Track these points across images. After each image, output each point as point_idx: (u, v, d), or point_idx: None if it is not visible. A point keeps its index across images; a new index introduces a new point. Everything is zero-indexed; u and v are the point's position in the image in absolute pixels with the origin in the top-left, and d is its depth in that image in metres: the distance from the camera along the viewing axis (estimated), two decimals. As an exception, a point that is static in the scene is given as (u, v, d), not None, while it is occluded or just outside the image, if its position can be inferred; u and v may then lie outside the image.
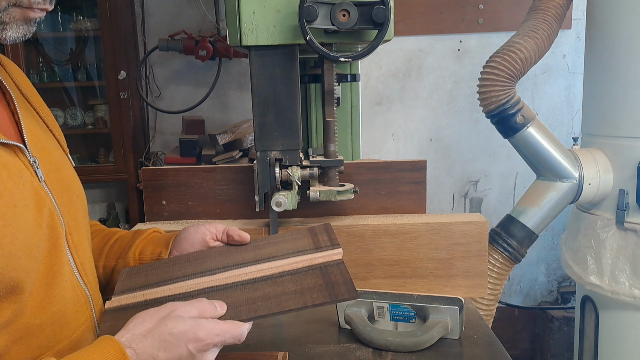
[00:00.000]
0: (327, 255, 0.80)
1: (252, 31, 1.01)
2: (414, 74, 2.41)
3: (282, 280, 0.75)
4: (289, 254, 0.81)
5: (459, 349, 0.96)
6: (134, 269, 0.83)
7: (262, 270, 0.78)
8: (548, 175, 1.54)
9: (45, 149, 0.70)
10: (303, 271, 0.76)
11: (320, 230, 0.88)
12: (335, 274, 0.75)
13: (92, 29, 2.41)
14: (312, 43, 0.95)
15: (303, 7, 0.93)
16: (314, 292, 0.71)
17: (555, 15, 1.50)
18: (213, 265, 0.81)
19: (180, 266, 0.82)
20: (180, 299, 0.72)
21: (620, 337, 1.51)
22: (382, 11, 0.94)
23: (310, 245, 0.83)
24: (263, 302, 0.70)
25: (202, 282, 0.76)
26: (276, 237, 0.88)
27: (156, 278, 0.80)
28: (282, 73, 1.04)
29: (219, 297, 0.71)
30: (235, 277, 0.77)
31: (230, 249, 0.86)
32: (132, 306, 0.73)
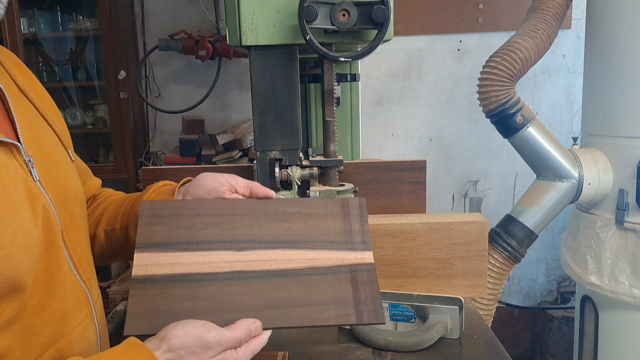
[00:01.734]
0: (358, 255, 0.77)
1: (252, 31, 1.01)
2: (414, 74, 2.41)
3: (310, 281, 0.72)
4: (320, 242, 0.77)
5: (459, 348, 0.96)
6: (154, 205, 0.78)
7: (291, 260, 0.74)
8: (548, 175, 1.54)
9: (43, 146, 0.69)
10: (332, 272, 0.74)
11: (353, 208, 0.82)
12: (365, 285, 0.73)
13: (92, 29, 2.41)
14: (312, 43, 0.95)
15: (303, 6, 0.93)
16: (340, 308, 0.70)
17: (555, 15, 1.50)
18: (240, 235, 0.76)
19: (203, 221, 0.77)
20: (208, 279, 0.70)
21: (620, 337, 1.51)
22: (381, 11, 0.94)
23: (341, 232, 0.78)
24: (288, 308, 0.69)
25: (230, 260, 0.73)
26: (306, 205, 0.81)
27: (179, 234, 0.75)
28: (282, 73, 1.04)
29: (246, 288, 0.70)
30: (264, 264, 0.73)
31: (257, 210, 0.79)
32: (160, 279, 0.70)
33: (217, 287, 0.70)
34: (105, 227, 0.85)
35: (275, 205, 0.80)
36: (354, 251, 0.77)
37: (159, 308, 0.68)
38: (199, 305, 0.69)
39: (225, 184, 0.80)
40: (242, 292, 0.70)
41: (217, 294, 0.70)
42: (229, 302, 0.69)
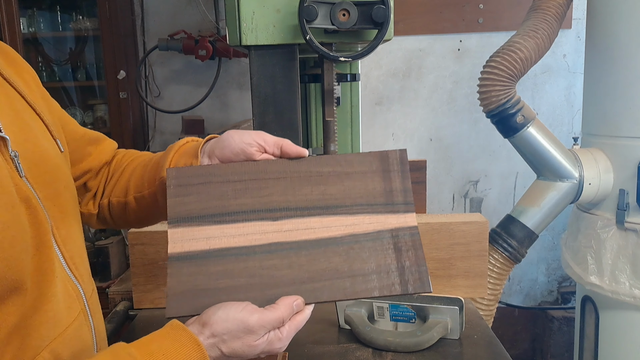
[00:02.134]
0: (400, 218, 0.72)
1: (251, 31, 1.00)
2: (414, 74, 2.41)
3: (351, 250, 0.69)
4: (359, 205, 0.72)
5: (459, 349, 0.96)
6: (182, 173, 0.73)
7: (329, 227, 0.70)
8: (548, 175, 1.54)
9: (29, 139, 0.65)
10: (373, 238, 0.70)
11: (393, 163, 0.75)
12: (409, 252, 0.69)
13: (92, 29, 2.41)
14: (312, 43, 0.94)
15: (303, 6, 0.93)
16: (384, 278, 0.67)
17: (555, 14, 1.50)
18: (274, 202, 0.72)
19: (234, 189, 0.72)
20: (245, 254, 0.68)
21: (621, 337, 1.51)
22: (382, 11, 0.93)
23: (381, 193, 0.73)
24: (329, 280, 0.67)
25: (265, 231, 0.70)
26: (342, 163, 0.75)
27: (211, 205, 0.71)
28: (281, 73, 1.04)
29: (285, 261, 0.68)
30: (301, 233, 0.70)
31: (290, 172, 0.74)
32: (197, 255, 0.68)
33: (255, 261, 0.68)
34: (134, 194, 0.82)
35: (309, 165, 0.74)
36: (396, 214, 0.72)
37: (198, 287, 0.66)
38: (238, 282, 0.67)
39: (254, 144, 0.74)
40: (281, 266, 0.68)
41: (256, 269, 0.68)
42: (269, 277, 0.67)
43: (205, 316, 0.62)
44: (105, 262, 2.09)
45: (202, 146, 0.78)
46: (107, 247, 2.09)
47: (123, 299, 1.30)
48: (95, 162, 0.86)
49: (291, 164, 0.74)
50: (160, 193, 0.79)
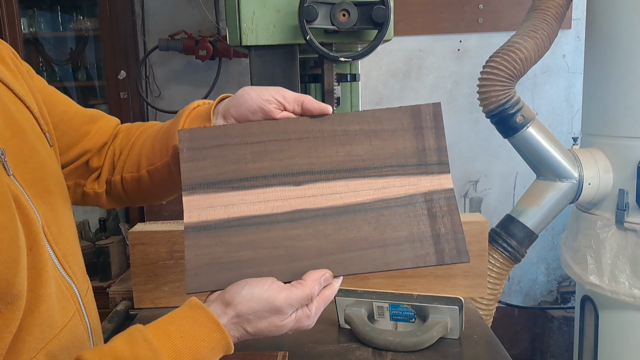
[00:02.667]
0: (434, 180, 0.66)
1: (252, 31, 1.01)
2: (414, 74, 2.41)
3: (381, 217, 0.64)
4: (389, 167, 0.66)
5: (459, 348, 0.96)
6: (195, 135, 0.67)
7: (357, 192, 0.65)
8: (548, 175, 1.54)
9: (17, 134, 0.61)
10: (406, 203, 0.64)
11: (426, 118, 0.69)
12: (444, 217, 0.64)
13: (92, 29, 2.41)
14: (312, 43, 0.95)
15: (303, 7, 0.93)
16: (417, 247, 0.62)
17: (555, 15, 1.50)
18: (296, 165, 0.66)
19: (253, 151, 0.67)
20: (267, 222, 0.63)
21: (620, 337, 1.51)
22: (382, 11, 0.94)
23: (413, 152, 0.67)
24: (359, 251, 0.62)
25: (288, 197, 0.65)
26: (370, 120, 0.68)
27: (228, 169, 0.66)
28: (282, 73, 1.04)
29: (310, 230, 0.63)
30: (326, 199, 0.65)
31: (313, 131, 0.68)
32: (216, 225, 0.63)
33: (278, 231, 0.63)
34: (147, 168, 0.77)
35: (333, 123, 0.68)
36: (430, 175, 0.66)
37: (218, 260, 0.62)
38: (261, 253, 0.63)
39: (272, 101, 0.68)
40: (306, 235, 0.63)
41: (279, 239, 0.63)
42: (293, 248, 0.63)
43: (228, 295, 0.59)
44: (106, 262, 2.09)
45: (215, 107, 0.72)
46: (107, 247, 2.09)
47: (123, 298, 1.30)
48: (94, 140, 0.81)
49: (314, 123, 0.68)
50: (173, 163, 0.73)
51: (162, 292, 1.22)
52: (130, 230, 1.23)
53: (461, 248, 0.63)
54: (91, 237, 2.39)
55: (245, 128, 0.67)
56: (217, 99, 0.72)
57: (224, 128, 0.68)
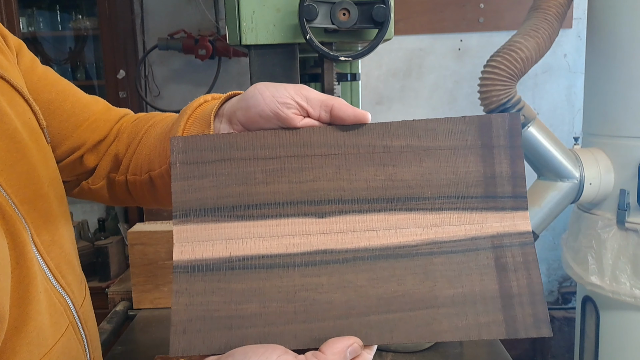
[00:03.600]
0: (506, 219, 0.50)
1: (251, 30, 1.00)
2: (415, 74, 2.41)
3: (432, 266, 0.49)
4: (444, 198, 0.50)
5: (460, 349, 0.96)
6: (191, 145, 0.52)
7: (399, 230, 0.50)
8: (549, 175, 1.54)
9: (5, 132, 0.54)
10: (465, 249, 0.49)
11: (499, 135, 0.51)
12: (518, 272, 0.48)
13: (91, 28, 2.40)
14: (312, 42, 0.94)
15: (303, 6, 0.92)
16: (480, 312, 0.47)
17: (556, 14, 1.50)
18: (321, 190, 0.51)
19: (265, 169, 0.51)
20: (280, 265, 0.49)
21: (621, 338, 1.51)
22: (382, 10, 0.93)
23: (479, 179, 0.50)
24: (399, 312, 0.47)
25: (309, 232, 0.50)
26: (421, 134, 0.51)
27: (232, 192, 0.51)
28: (282, 72, 1.04)
29: (335, 279, 0.48)
30: (359, 238, 0.50)
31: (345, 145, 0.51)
32: (214, 266, 0.49)
33: (293, 277, 0.49)
34: (150, 172, 0.67)
35: (372, 136, 0.51)
36: (500, 212, 0.50)
37: (215, 313, 0.48)
38: (270, 307, 0.48)
39: (292, 105, 0.51)
40: (330, 286, 0.48)
41: (295, 289, 0.49)
42: (312, 303, 0.48)
43: None
44: (105, 262, 2.08)
45: (220, 107, 0.58)
46: (106, 247, 2.09)
47: (122, 299, 1.29)
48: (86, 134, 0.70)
49: (346, 135, 0.51)
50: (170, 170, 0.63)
51: (162, 292, 1.22)
52: (129, 230, 1.22)
53: (540, 316, 0.47)
54: (90, 237, 2.39)
55: (257, 138, 0.52)
56: (224, 96, 0.59)
57: (229, 137, 0.52)
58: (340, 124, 0.51)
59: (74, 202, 2.48)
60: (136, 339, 1.13)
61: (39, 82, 0.66)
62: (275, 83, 0.53)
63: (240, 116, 0.54)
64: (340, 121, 0.51)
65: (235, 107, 0.55)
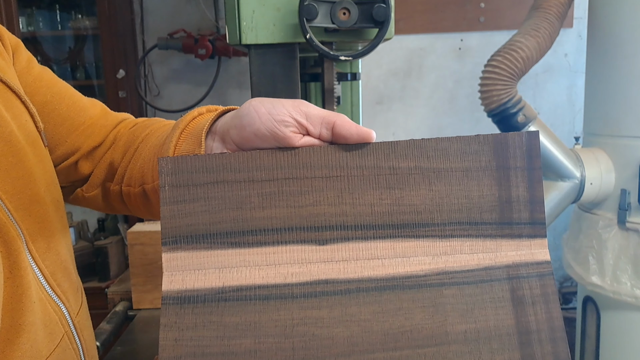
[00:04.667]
0: (523, 248, 0.46)
1: (251, 30, 1.00)
2: (415, 73, 2.40)
3: (442, 298, 0.45)
4: (455, 224, 0.47)
5: (461, 350, 0.95)
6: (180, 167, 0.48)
7: (407, 258, 0.46)
8: (549, 174, 1.54)
9: (1, 135, 0.52)
10: (478, 280, 0.46)
11: (515, 155, 0.48)
12: (536, 305, 0.45)
13: (91, 28, 2.40)
14: (312, 42, 0.94)
15: (303, 5, 0.92)
16: (496, 350, 0.44)
17: (556, 13, 1.50)
18: (321, 216, 0.47)
19: (261, 192, 0.48)
20: (277, 297, 0.46)
21: (622, 338, 1.51)
22: (382, 9, 0.93)
23: (493, 204, 0.47)
24: (406, 350, 0.44)
25: (308, 260, 0.47)
26: (431, 154, 0.49)
27: (225, 217, 0.47)
28: (282, 72, 1.03)
29: (338, 313, 0.45)
30: (363, 267, 0.46)
31: (348, 167, 0.48)
32: (205, 297, 0.46)
33: (291, 310, 0.46)
34: (143, 185, 0.64)
35: (378, 156, 0.48)
36: (517, 239, 0.46)
37: (206, 349, 0.45)
38: (266, 343, 0.45)
39: (290, 122, 0.47)
40: (331, 320, 0.45)
41: (293, 323, 0.45)
42: (312, 339, 0.45)
43: None
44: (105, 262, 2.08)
45: (212, 123, 0.54)
46: (106, 247, 2.08)
47: (122, 299, 1.29)
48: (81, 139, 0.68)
49: (349, 155, 0.48)
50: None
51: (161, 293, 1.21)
52: (129, 231, 1.22)
53: (561, 355, 0.43)
54: (89, 237, 2.39)
55: (253, 159, 0.48)
56: (218, 112, 0.56)
57: (222, 157, 0.48)
58: (343, 143, 0.48)
59: (74, 202, 2.48)
60: (136, 339, 1.13)
61: (35, 83, 0.65)
62: (272, 99, 0.50)
63: (234, 135, 0.50)
64: (343, 140, 0.47)
65: (228, 125, 0.52)
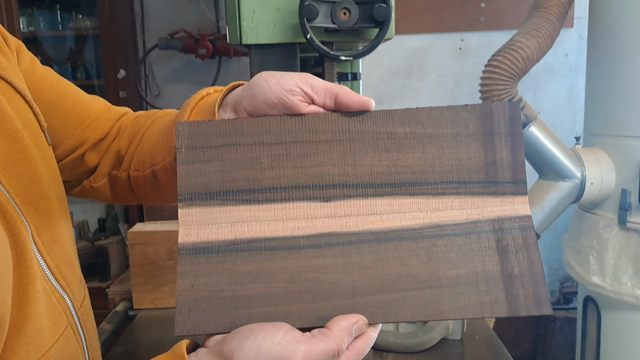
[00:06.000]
0: (507, 204, 0.52)
1: (252, 30, 1.00)
2: (415, 73, 2.40)
3: (435, 248, 0.50)
4: (447, 183, 0.52)
5: (461, 349, 0.95)
6: (196, 131, 0.54)
7: (403, 214, 0.51)
8: (550, 174, 1.53)
9: (6, 132, 0.54)
10: (466, 232, 0.51)
11: (499, 122, 0.53)
12: (519, 253, 0.50)
13: (92, 28, 2.40)
14: (312, 42, 0.94)
15: (303, 5, 0.92)
16: (483, 292, 0.49)
17: (557, 13, 1.49)
18: (326, 175, 0.52)
19: (270, 154, 0.53)
20: (285, 247, 0.51)
21: (623, 338, 1.50)
22: (383, 9, 0.93)
23: (480, 165, 0.52)
24: (403, 292, 0.49)
25: (314, 216, 0.52)
26: (425, 122, 0.55)
27: (238, 176, 0.53)
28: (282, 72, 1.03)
29: (340, 260, 0.50)
30: (363, 221, 0.51)
31: (350, 132, 0.53)
32: (219, 248, 0.51)
33: (298, 259, 0.50)
34: (152, 167, 0.67)
35: (377, 123, 0.53)
36: (501, 196, 0.52)
37: (220, 293, 0.49)
38: (276, 288, 0.50)
39: (297, 92, 0.53)
40: (335, 267, 0.50)
41: (300, 270, 0.50)
42: (318, 284, 0.50)
43: (227, 348, 0.45)
44: (105, 262, 2.08)
45: (223, 98, 0.58)
46: (106, 247, 2.08)
47: (123, 299, 1.29)
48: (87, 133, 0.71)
49: (351, 122, 0.53)
50: (174, 162, 0.63)
51: (162, 292, 1.21)
52: (129, 231, 1.22)
53: (541, 295, 0.50)
54: (90, 237, 2.39)
55: (263, 124, 0.54)
56: (227, 87, 0.59)
57: (235, 122, 0.54)
58: (345, 111, 0.53)
59: (74, 202, 2.48)
60: (136, 339, 1.13)
61: (39, 82, 0.67)
62: (280, 72, 0.55)
63: (246, 104, 0.55)
64: (345, 108, 0.53)
65: (240, 95, 0.56)
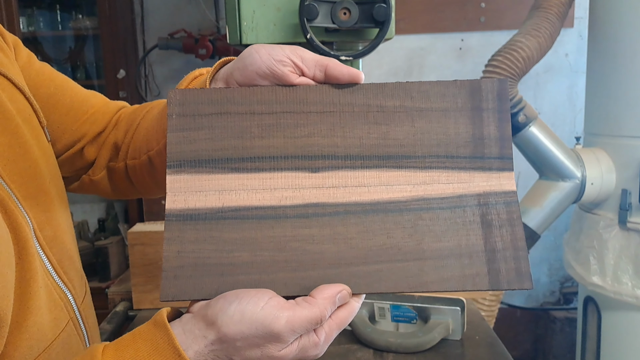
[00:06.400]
0: (493, 179, 0.52)
1: (252, 30, 1.00)
2: (415, 73, 2.40)
3: (420, 221, 0.51)
4: (434, 157, 0.52)
5: (461, 350, 0.95)
6: (188, 98, 0.54)
7: (390, 186, 0.52)
8: (550, 175, 1.53)
9: (7, 129, 0.54)
10: (452, 206, 0.51)
11: (488, 98, 0.53)
12: (503, 228, 0.50)
13: (92, 28, 2.40)
14: (312, 42, 0.94)
15: (303, 5, 0.92)
16: (466, 265, 0.49)
17: (557, 13, 1.49)
18: (315, 146, 0.53)
19: (260, 124, 0.53)
20: (272, 217, 0.51)
21: (623, 338, 1.50)
22: (383, 9, 0.93)
23: (468, 140, 0.53)
24: (387, 263, 0.49)
25: (301, 186, 0.52)
26: (414, 95, 0.54)
27: (227, 144, 0.53)
28: (282, 72, 1.03)
29: (326, 231, 0.50)
30: (351, 192, 0.51)
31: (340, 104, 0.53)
32: (206, 215, 0.51)
33: (285, 228, 0.51)
34: (148, 152, 0.67)
35: (367, 95, 0.54)
36: (487, 171, 0.52)
37: (206, 260, 0.50)
38: (261, 256, 0.50)
39: (288, 63, 0.54)
40: (321, 237, 0.50)
41: (286, 239, 0.50)
42: (303, 253, 0.50)
43: (212, 311, 0.46)
44: (105, 263, 2.08)
45: (215, 73, 0.58)
46: (106, 247, 2.08)
47: (123, 299, 1.29)
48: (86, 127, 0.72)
49: (341, 94, 0.54)
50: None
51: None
52: (129, 231, 1.22)
53: (522, 270, 0.49)
54: (90, 237, 2.39)
55: (254, 93, 0.54)
56: (218, 63, 0.59)
57: (226, 91, 0.54)
58: (335, 83, 0.54)
59: (74, 202, 2.48)
60: (136, 339, 1.13)
61: (38, 77, 0.67)
62: (271, 44, 0.56)
63: (237, 76, 0.55)
64: (335, 80, 0.54)
65: (231, 68, 0.56)
